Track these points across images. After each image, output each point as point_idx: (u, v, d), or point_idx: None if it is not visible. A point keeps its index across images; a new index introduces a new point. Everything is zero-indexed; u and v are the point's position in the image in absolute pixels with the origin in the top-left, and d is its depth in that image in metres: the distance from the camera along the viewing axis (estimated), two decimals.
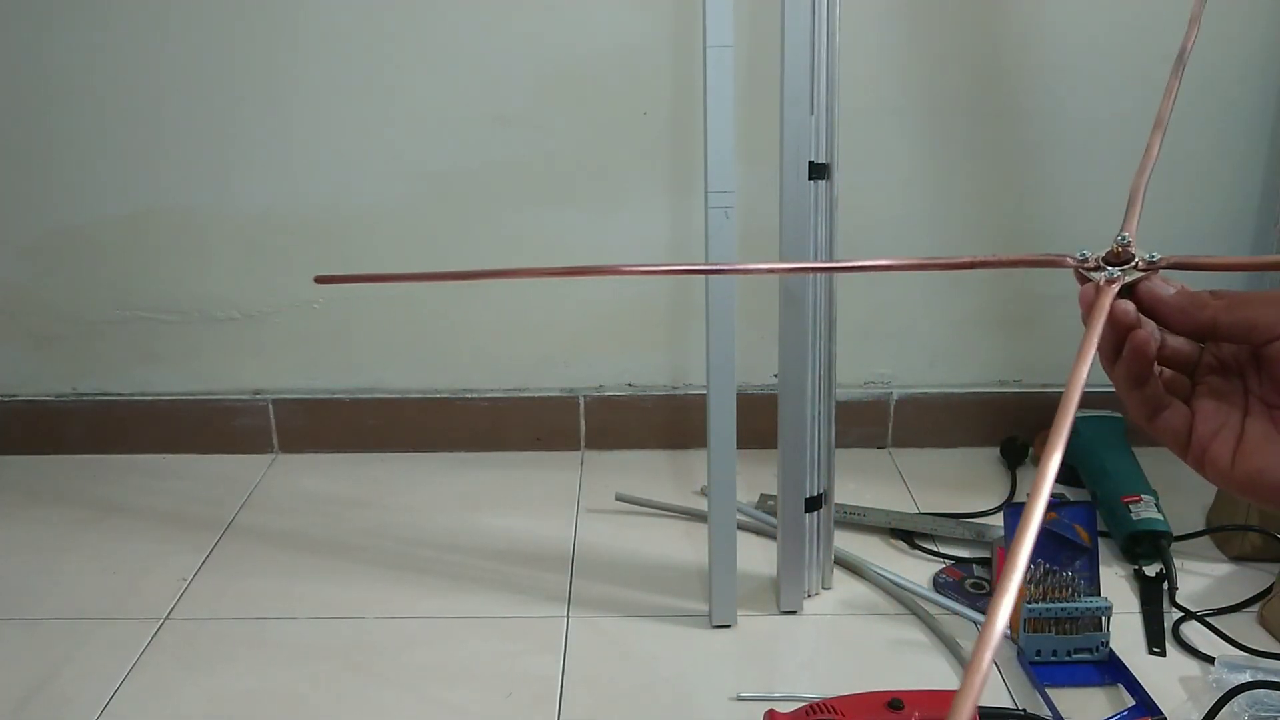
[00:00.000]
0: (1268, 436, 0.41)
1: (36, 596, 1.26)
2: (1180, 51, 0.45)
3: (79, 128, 1.44)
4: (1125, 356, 0.42)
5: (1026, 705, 1.06)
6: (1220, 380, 0.43)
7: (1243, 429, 0.42)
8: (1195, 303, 0.41)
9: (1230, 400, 0.42)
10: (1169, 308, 0.42)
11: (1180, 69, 0.46)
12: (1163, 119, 0.48)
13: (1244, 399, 0.42)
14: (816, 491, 1.20)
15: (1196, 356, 0.43)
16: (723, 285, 1.09)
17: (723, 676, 1.12)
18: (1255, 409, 0.42)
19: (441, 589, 1.27)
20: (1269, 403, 0.42)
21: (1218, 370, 0.43)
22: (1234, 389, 0.42)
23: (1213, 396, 0.43)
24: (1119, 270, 0.42)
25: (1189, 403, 0.43)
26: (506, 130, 1.44)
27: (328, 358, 1.57)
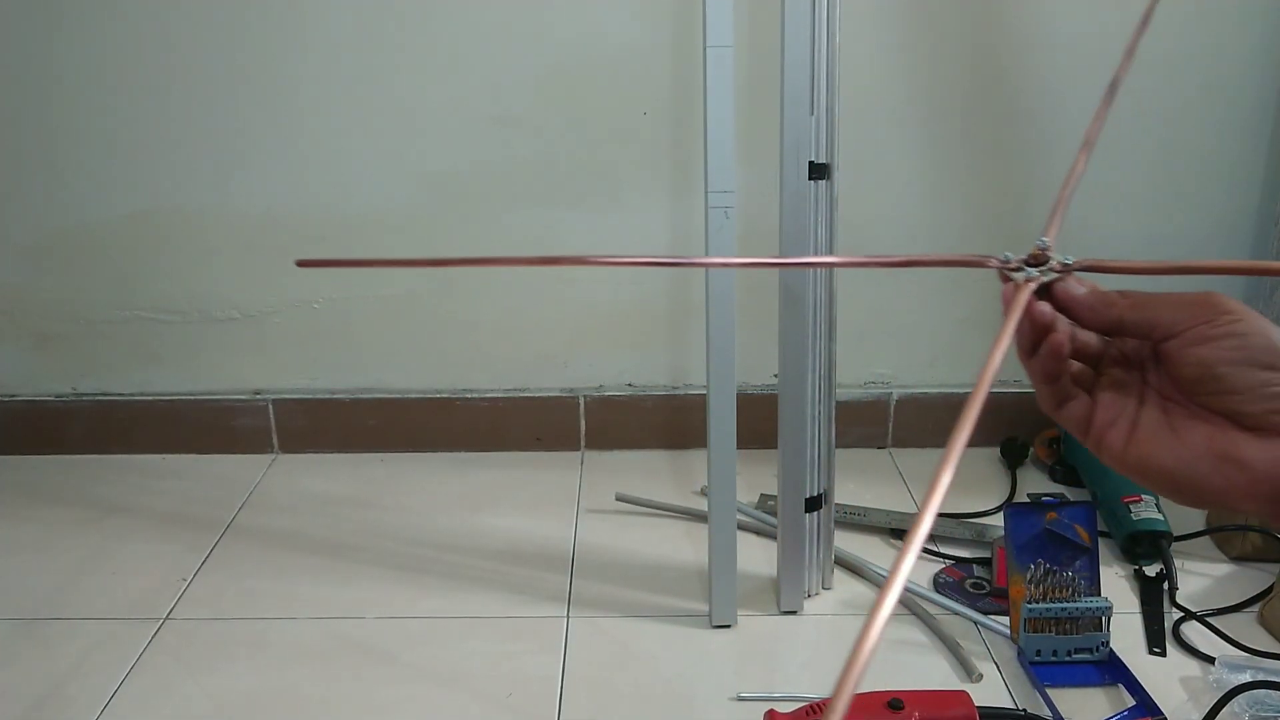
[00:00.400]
0: (1158, 426, 0.45)
1: (36, 596, 1.26)
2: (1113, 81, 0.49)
3: (80, 128, 1.44)
4: (1041, 354, 0.46)
5: (1026, 705, 1.06)
6: (1122, 372, 0.47)
7: (1137, 418, 0.46)
8: (1104, 301, 0.45)
9: (1128, 392, 0.46)
10: (1080, 306, 0.46)
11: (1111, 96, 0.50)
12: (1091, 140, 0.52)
13: (1141, 391, 0.46)
14: (816, 491, 1.20)
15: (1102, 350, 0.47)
16: (723, 285, 1.09)
17: (723, 676, 1.12)
18: (1150, 400, 0.46)
19: (441, 589, 1.27)
20: (1163, 394, 0.45)
21: (1120, 363, 0.47)
22: (1133, 381, 0.46)
23: (1113, 388, 0.47)
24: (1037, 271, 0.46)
25: (1092, 392, 0.47)
26: (506, 130, 1.44)
27: (328, 358, 1.57)
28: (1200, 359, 0.43)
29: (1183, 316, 0.43)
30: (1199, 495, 0.44)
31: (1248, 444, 0.42)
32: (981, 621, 1.18)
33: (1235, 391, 0.42)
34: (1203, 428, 0.44)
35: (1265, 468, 0.42)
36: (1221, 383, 0.42)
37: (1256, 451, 0.42)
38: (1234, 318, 0.43)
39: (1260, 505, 0.43)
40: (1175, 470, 0.44)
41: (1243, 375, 0.42)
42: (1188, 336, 0.43)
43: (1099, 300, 0.45)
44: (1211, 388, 0.43)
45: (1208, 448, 0.43)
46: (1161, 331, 0.44)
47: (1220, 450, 0.43)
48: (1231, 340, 0.42)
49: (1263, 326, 0.42)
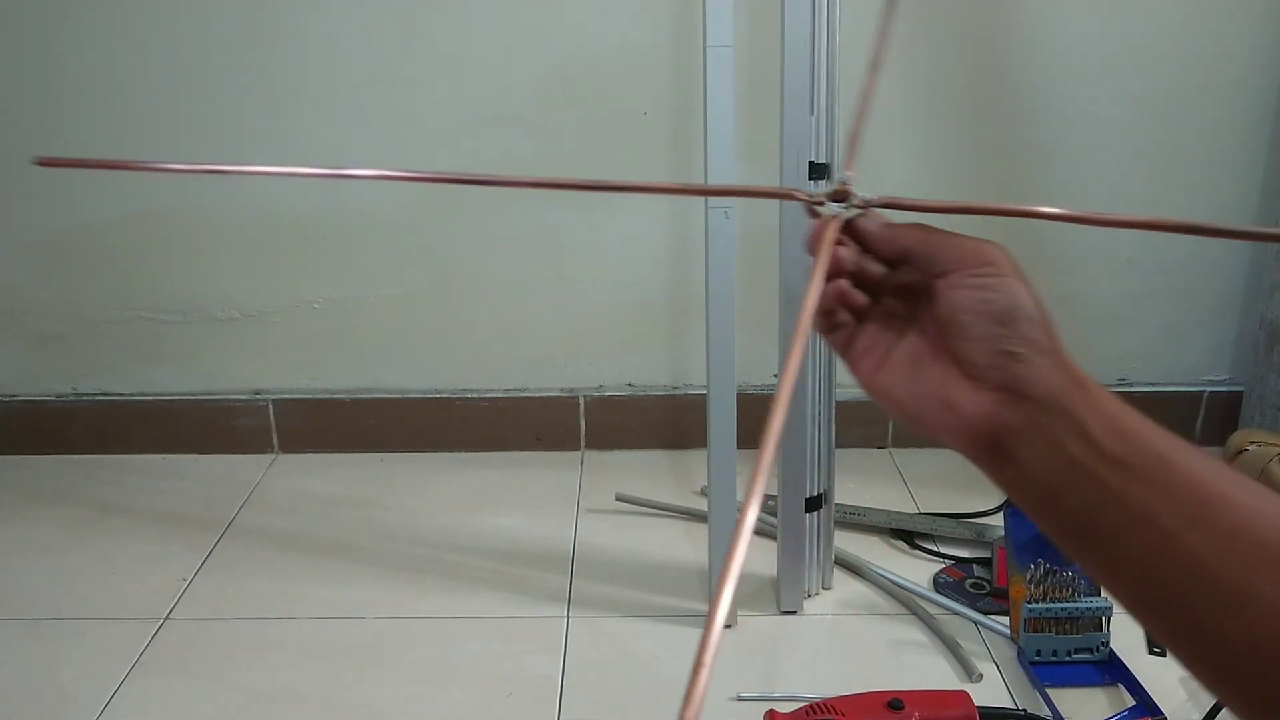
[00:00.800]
0: (904, 362, 0.48)
1: (36, 596, 1.26)
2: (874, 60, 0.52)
3: (80, 128, 1.44)
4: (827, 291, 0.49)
5: (1026, 705, 1.06)
6: (896, 302, 0.49)
7: (891, 351, 0.49)
8: (896, 234, 0.48)
9: (893, 325, 0.49)
10: (874, 236, 0.49)
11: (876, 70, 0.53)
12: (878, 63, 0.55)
13: (904, 325, 0.49)
14: (816, 491, 1.20)
15: (884, 279, 0.49)
16: (723, 285, 1.09)
17: (723, 676, 1.12)
18: (909, 336, 0.48)
19: (441, 589, 1.27)
20: (923, 332, 0.48)
21: (898, 293, 0.49)
22: (902, 313, 0.49)
23: (882, 318, 0.49)
24: (841, 207, 0.49)
25: (863, 318, 0.50)
26: (506, 130, 1.44)
27: (328, 358, 1.57)
28: (954, 301, 0.45)
29: (957, 258, 0.46)
30: (921, 426, 0.48)
31: (966, 391, 0.45)
32: (981, 621, 1.18)
33: (972, 340, 0.45)
34: (938, 370, 0.46)
35: (971, 416, 0.45)
36: (964, 328, 0.45)
37: (970, 400, 0.45)
38: (995, 271, 0.45)
39: (967, 450, 0.46)
40: (903, 403, 0.48)
41: (982, 325, 0.45)
42: (952, 278, 0.45)
43: (889, 234, 0.48)
44: (954, 331, 0.45)
45: (936, 390, 0.46)
46: (939, 268, 0.46)
47: (942, 393, 0.46)
48: (983, 292, 0.45)
49: (1014, 288, 0.44)
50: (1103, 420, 0.42)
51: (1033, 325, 0.44)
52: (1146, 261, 1.51)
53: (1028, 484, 0.44)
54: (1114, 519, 0.42)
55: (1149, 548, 0.41)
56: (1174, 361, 1.58)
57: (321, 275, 1.52)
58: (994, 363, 0.44)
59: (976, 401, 0.45)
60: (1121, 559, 0.42)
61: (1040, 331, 0.44)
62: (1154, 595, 0.41)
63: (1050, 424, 0.43)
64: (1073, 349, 0.44)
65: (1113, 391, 0.44)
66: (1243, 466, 1.29)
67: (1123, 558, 0.42)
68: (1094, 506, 0.42)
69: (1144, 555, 0.41)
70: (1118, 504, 0.41)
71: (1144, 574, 0.41)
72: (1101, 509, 0.42)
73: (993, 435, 0.44)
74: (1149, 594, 0.42)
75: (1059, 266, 1.48)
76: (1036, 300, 0.45)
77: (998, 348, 0.44)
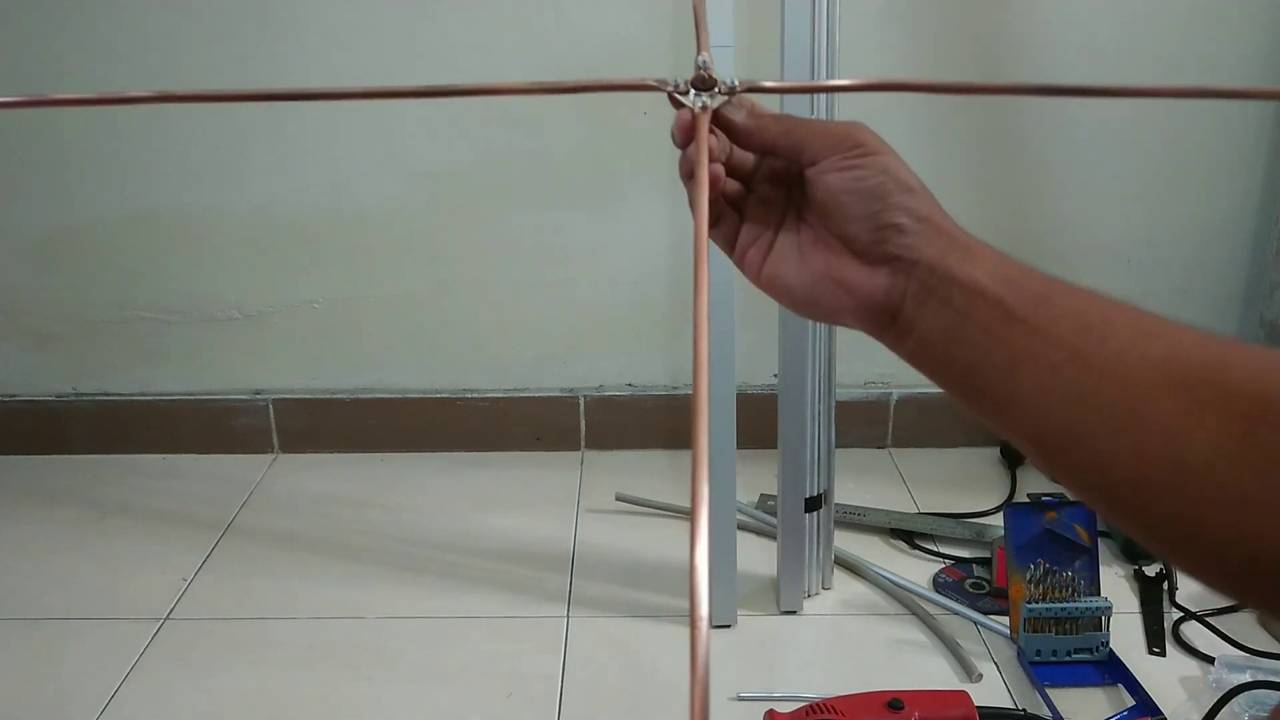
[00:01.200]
0: (789, 249, 0.49)
1: (36, 596, 1.26)
2: None
3: (80, 128, 1.44)
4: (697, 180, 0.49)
5: (1026, 705, 1.06)
6: (770, 189, 0.50)
7: (774, 241, 0.50)
8: (759, 126, 0.48)
9: (772, 212, 0.50)
10: (739, 130, 0.48)
11: None
12: None
13: (783, 212, 0.50)
14: (816, 491, 1.20)
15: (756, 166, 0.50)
16: (723, 285, 1.09)
17: (723, 676, 1.12)
18: (788, 223, 0.50)
19: (441, 589, 1.27)
20: (801, 217, 0.49)
21: (770, 179, 0.50)
22: (778, 199, 0.50)
23: (761, 206, 0.50)
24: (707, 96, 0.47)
25: (741, 210, 0.51)
26: (506, 130, 1.44)
27: (328, 358, 1.57)
28: (828, 186, 0.46)
29: (823, 145, 0.47)
30: (815, 311, 0.49)
31: (856, 269, 0.47)
32: (981, 621, 1.18)
33: (852, 219, 0.46)
34: (824, 253, 0.48)
35: (866, 292, 0.46)
36: (843, 209, 0.46)
37: (862, 277, 0.46)
38: (865, 151, 0.46)
39: (868, 326, 0.47)
40: (796, 289, 0.49)
41: (860, 204, 0.46)
42: (824, 165, 0.46)
43: (755, 124, 0.48)
44: (835, 214, 0.47)
45: (825, 271, 0.48)
46: (807, 157, 0.47)
47: (834, 274, 0.47)
48: (857, 172, 0.46)
49: (885, 163, 0.46)
50: (985, 272, 0.44)
51: (908, 195, 0.46)
52: (1146, 261, 1.51)
53: (928, 349, 0.45)
54: (1001, 363, 0.43)
55: (1038, 385, 0.42)
56: None
57: (321, 275, 1.52)
58: (877, 238, 0.46)
59: (868, 277, 0.46)
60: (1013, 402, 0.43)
61: (915, 200, 0.46)
62: (1048, 432, 0.42)
63: (938, 286, 0.44)
64: None
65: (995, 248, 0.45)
66: None
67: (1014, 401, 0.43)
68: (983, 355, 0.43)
69: (1034, 393, 0.42)
70: (1003, 348, 0.43)
71: (1037, 413, 0.42)
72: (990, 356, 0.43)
73: (889, 307, 0.46)
74: (1044, 432, 0.42)
75: (1059, 266, 1.47)
76: (907, 170, 0.46)
77: (878, 223, 0.45)
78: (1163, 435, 0.39)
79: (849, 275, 0.47)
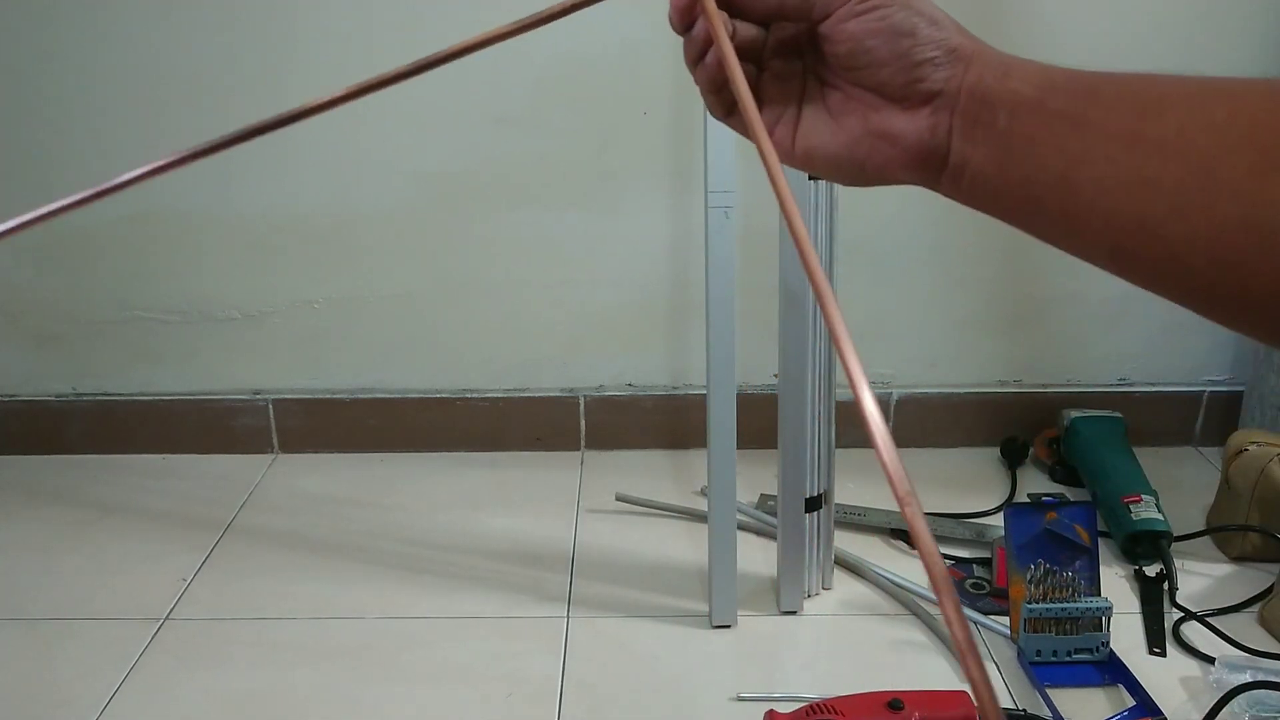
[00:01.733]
0: (819, 117, 0.47)
1: (36, 596, 1.26)
2: None
3: (79, 127, 1.44)
4: (708, 63, 0.46)
5: (1026, 705, 1.06)
6: (783, 63, 0.47)
7: (800, 114, 0.47)
8: None
9: (790, 86, 0.48)
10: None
11: None
12: None
13: (802, 82, 0.47)
14: (816, 491, 1.20)
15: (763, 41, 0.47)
16: (723, 285, 1.09)
17: (723, 676, 1.12)
18: (811, 91, 0.47)
19: (441, 589, 1.27)
20: (823, 81, 0.47)
21: (781, 53, 0.47)
22: (794, 71, 0.47)
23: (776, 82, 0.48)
24: None
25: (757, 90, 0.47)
26: (506, 130, 1.44)
27: (328, 358, 1.57)
28: (850, 34, 0.44)
29: None
30: (863, 174, 0.46)
31: (896, 117, 0.44)
32: (981, 621, 1.18)
33: (883, 63, 0.44)
34: (858, 109, 0.45)
35: (913, 137, 0.44)
36: (870, 55, 0.44)
37: (904, 123, 0.44)
38: None
39: (913, 174, 0.45)
40: (838, 155, 0.46)
41: (888, 45, 0.43)
42: (840, 13, 0.44)
43: None
44: (863, 61, 0.44)
45: (864, 128, 0.45)
46: (819, 10, 0.44)
47: (874, 128, 0.45)
48: (877, 13, 0.43)
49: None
50: (1026, 82, 0.42)
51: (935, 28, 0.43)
52: None
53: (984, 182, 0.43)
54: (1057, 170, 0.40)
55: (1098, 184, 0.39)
56: (1174, 361, 1.58)
57: (321, 275, 1.52)
58: (913, 77, 0.43)
59: (910, 121, 0.44)
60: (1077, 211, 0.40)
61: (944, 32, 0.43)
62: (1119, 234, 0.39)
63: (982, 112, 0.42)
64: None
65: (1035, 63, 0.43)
66: (1243, 466, 1.29)
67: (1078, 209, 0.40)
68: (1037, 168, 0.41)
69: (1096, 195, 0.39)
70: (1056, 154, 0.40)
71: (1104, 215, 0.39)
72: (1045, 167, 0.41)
73: (936, 148, 0.44)
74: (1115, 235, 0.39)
75: (1059, 266, 1.48)
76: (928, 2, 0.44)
77: (911, 60, 0.43)
78: (1237, 201, 0.35)
79: (890, 125, 0.44)
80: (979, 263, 1.49)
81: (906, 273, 1.51)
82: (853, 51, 0.44)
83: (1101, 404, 1.55)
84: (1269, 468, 1.26)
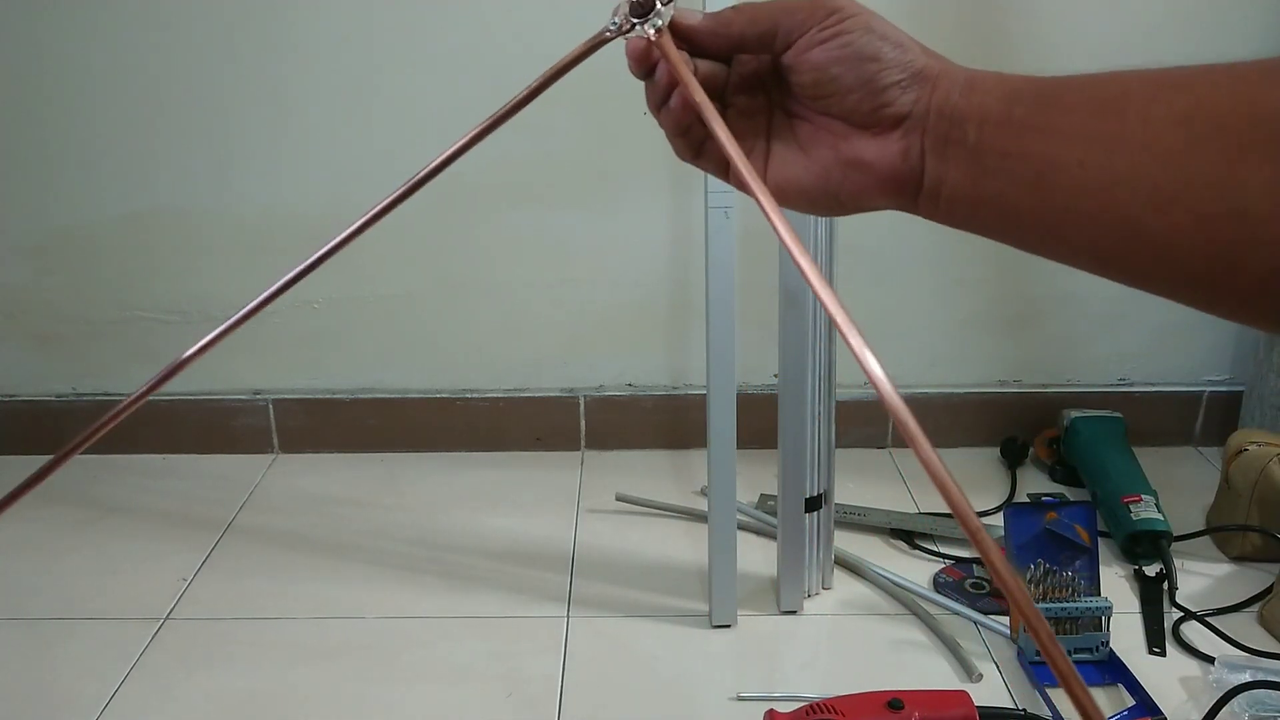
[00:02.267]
0: (789, 150, 0.46)
1: (36, 596, 1.26)
2: None
3: (79, 128, 1.44)
4: (672, 106, 0.46)
5: (1026, 705, 1.06)
6: (747, 99, 0.47)
7: (769, 149, 0.47)
8: (721, 22, 0.45)
9: (757, 121, 0.47)
10: (700, 34, 0.45)
11: None
12: None
13: (768, 117, 0.47)
14: (816, 491, 1.20)
15: (725, 78, 0.47)
16: (723, 285, 1.09)
17: (723, 676, 1.12)
18: (778, 125, 0.47)
19: (441, 589, 1.27)
20: (790, 112, 0.46)
21: (744, 88, 0.47)
22: (759, 106, 0.47)
23: (743, 118, 0.47)
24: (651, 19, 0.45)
25: None
26: (506, 131, 1.43)
27: (328, 358, 1.57)
28: (814, 63, 0.43)
29: (795, 23, 0.44)
30: (838, 204, 0.46)
31: (867, 144, 0.44)
32: (981, 621, 1.18)
33: (849, 90, 0.43)
34: (827, 139, 0.45)
35: (886, 163, 0.43)
36: (836, 83, 0.43)
37: (875, 149, 0.44)
38: (841, 16, 0.43)
39: (890, 199, 0.45)
40: (812, 187, 0.46)
41: (852, 72, 0.43)
42: (801, 43, 0.43)
43: (716, 23, 0.45)
44: (828, 89, 0.44)
45: (835, 158, 0.45)
46: (780, 42, 0.44)
47: (845, 157, 0.44)
48: (839, 39, 0.43)
49: (867, 22, 0.43)
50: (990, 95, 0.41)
51: (899, 49, 0.43)
52: None
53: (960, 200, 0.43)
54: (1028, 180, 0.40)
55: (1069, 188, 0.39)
56: (1174, 361, 1.58)
57: (321, 275, 1.51)
58: (880, 102, 0.43)
59: (881, 147, 0.44)
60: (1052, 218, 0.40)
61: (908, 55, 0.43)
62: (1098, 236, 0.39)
63: (950, 129, 0.42)
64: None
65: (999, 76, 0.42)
66: (1243, 466, 1.29)
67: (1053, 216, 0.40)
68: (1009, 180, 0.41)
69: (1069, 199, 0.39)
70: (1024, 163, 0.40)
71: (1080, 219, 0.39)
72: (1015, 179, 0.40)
73: (910, 172, 0.43)
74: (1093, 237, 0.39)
75: (1058, 267, 1.48)
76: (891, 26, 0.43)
77: (877, 85, 0.43)
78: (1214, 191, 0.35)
79: (861, 152, 0.44)
80: (979, 263, 1.49)
81: (906, 273, 1.51)
82: (818, 81, 0.44)
83: (1101, 404, 1.55)
84: (1269, 468, 1.26)
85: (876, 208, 0.45)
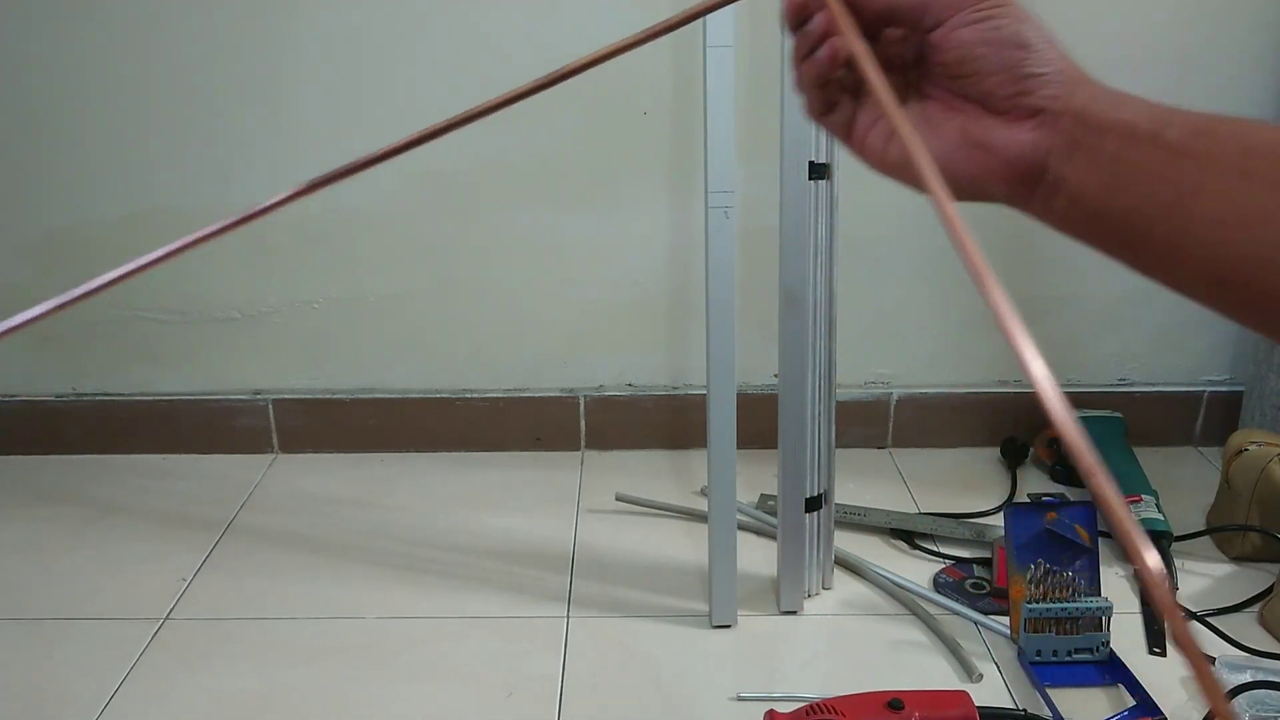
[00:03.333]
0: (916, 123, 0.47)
1: (36, 596, 1.26)
2: None
3: (78, 128, 1.44)
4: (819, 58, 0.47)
5: (1026, 705, 1.06)
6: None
7: None
8: None
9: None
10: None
11: None
12: None
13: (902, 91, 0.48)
14: (816, 491, 1.20)
15: None
16: (723, 285, 1.09)
17: (723, 676, 1.12)
18: (910, 100, 0.47)
19: (441, 589, 1.27)
20: (923, 93, 0.47)
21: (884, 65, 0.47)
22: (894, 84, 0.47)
23: None
24: None
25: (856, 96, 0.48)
26: (507, 130, 1.44)
27: (328, 358, 1.57)
28: (961, 41, 0.44)
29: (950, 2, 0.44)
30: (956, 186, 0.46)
31: (996, 128, 0.45)
32: (981, 621, 1.18)
33: (990, 73, 0.44)
34: (957, 118, 0.46)
35: (1014, 150, 0.44)
36: (979, 63, 0.44)
37: (1005, 135, 0.44)
38: (996, 2, 0.44)
39: (1007, 188, 0.45)
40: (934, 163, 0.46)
41: (998, 55, 0.44)
42: (952, 22, 0.44)
43: None
44: (970, 69, 0.45)
45: (961, 137, 0.45)
46: (931, 18, 0.45)
47: (972, 138, 0.45)
48: (990, 23, 0.44)
49: (1017, 12, 0.44)
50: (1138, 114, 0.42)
51: (1047, 45, 0.44)
52: None
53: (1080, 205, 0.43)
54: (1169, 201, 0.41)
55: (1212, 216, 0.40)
56: (1174, 361, 1.58)
57: (321, 275, 1.52)
58: (1020, 89, 0.44)
59: (1011, 134, 0.44)
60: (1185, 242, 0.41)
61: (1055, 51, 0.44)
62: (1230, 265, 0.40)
63: (1086, 136, 0.43)
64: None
65: None
66: (1243, 466, 1.29)
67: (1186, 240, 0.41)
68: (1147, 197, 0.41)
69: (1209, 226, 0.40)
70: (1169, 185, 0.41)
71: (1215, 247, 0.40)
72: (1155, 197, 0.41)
73: (1034, 165, 0.44)
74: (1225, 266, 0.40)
75: (1059, 266, 1.49)
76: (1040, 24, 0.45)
77: (1021, 73, 0.44)
78: None
79: (990, 136, 0.45)
80: None
81: (906, 273, 1.51)
82: (962, 59, 0.45)
83: (1101, 404, 1.55)
84: (1269, 468, 1.26)
85: (992, 196, 0.46)
